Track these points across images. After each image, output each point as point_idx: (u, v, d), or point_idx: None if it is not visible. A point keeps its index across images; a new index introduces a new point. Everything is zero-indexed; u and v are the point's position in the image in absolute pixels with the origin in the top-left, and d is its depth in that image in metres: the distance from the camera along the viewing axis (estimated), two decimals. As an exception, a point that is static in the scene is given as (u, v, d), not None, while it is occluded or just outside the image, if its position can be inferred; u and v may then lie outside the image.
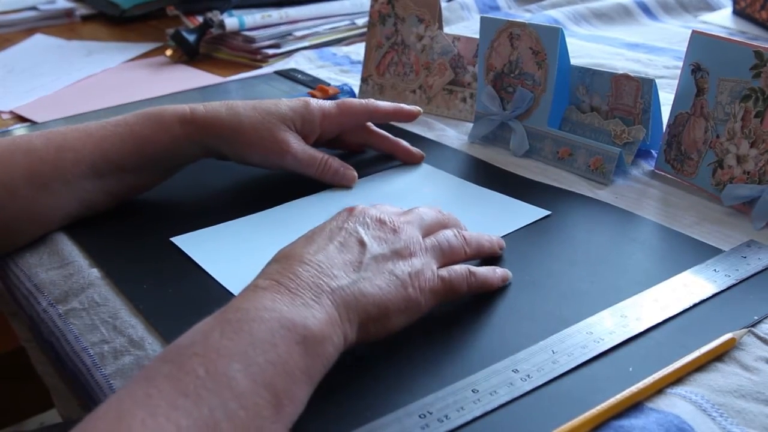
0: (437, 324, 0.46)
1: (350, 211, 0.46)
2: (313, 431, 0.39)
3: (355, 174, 0.64)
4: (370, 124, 0.69)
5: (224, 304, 0.40)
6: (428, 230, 0.48)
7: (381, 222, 0.45)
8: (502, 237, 0.55)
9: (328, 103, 0.65)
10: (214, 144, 0.61)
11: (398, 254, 0.44)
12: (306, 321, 0.37)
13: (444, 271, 0.45)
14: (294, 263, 0.41)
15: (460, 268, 0.46)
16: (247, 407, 0.34)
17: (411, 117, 0.69)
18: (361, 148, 0.71)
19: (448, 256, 0.47)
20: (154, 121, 0.59)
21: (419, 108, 0.69)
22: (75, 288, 0.52)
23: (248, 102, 0.62)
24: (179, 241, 0.56)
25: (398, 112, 0.68)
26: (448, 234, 0.48)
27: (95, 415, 0.32)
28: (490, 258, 0.53)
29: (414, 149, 0.69)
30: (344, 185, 0.64)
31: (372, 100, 0.67)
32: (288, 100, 0.63)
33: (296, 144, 0.62)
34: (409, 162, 0.69)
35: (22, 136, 0.58)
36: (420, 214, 0.49)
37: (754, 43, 0.56)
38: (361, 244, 0.43)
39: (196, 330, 0.37)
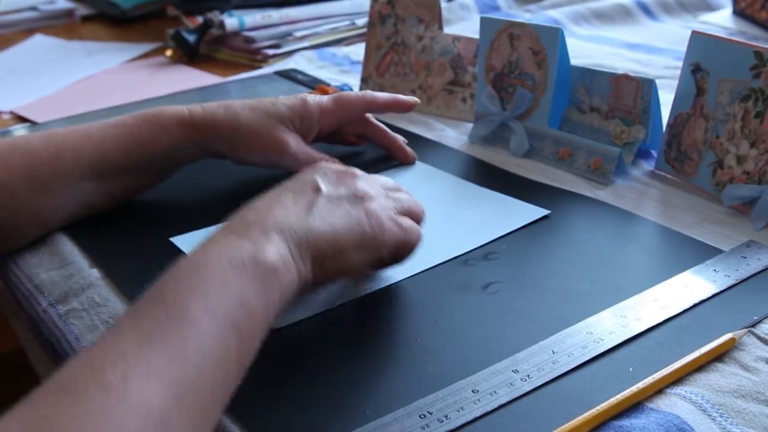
0: (437, 324, 0.46)
1: (312, 166, 0.48)
2: (313, 431, 0.39)
3: None
4: (368, 115, 0.69)
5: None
6: (389, 190, 0.49)
7: (341, 172, 0.47)
8: (502, 237, 0.56)
9: (325, 99, 0.64)
10: (213, 145, 0.61)
11: (355, 196, 0.45)
12: (255, 255, 0.39)
13: (402, 218, 0.47)
14: (244, 212, 0.43)
15: (412, 221, 0.48)
16: (215, 340, 0.35)
17: (408, 107, 0.69)
18: (359, 141, 0.71)
19: (405, 212, 0.48)
20: (153, 123, 0.59)
21: (416, 98, 0.69)
22: (75, 288, 0.52)
23: (246, 102, 0.62)
24: (179, 241, 0.56)
25: (396, 102, 0.68)
26: (407, 196, 0.50)
27: (69, 365, 0.32)
28: (491, 252, 0.53)
29: (408, 149, 0.69)
30: None
31: (369, 92, 0.67)
32: (285, 98, 0.63)
33: (295, 144, 0.62)
34: (402, 160, 0.69)
35: (21, 137, 0.58)
36: (380, 179, 0.50)
37: (754, 43, 0.56)
38: (316, 189, 0.45)
39: (150, 288, 0.37)
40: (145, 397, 0.31)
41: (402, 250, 0.47)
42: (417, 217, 0.49)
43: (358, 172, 0.48)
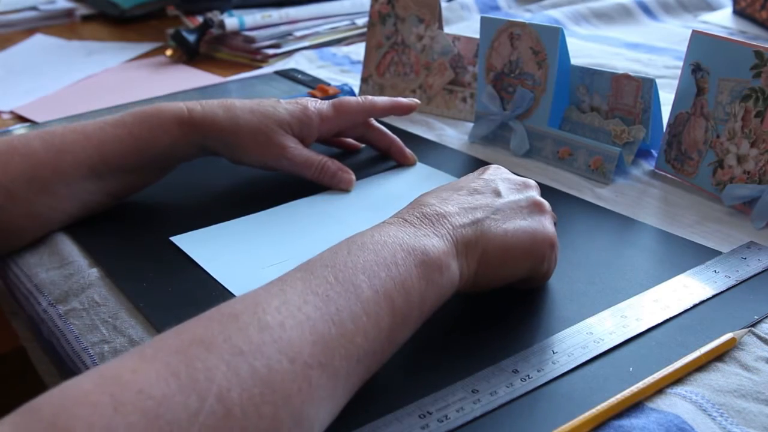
0: (437, 324, 0.46)
1: (485, 168, 0.50)
2: (313, 431, 0.39)
3: (353, 177, 0.64)
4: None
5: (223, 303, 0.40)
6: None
7: (521, 182, 0.48)
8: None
9: (325, 106, 0.64)
10: (211, 145, 0.61)
11: (534, 205, 0.46)
12: (425, 247, 0.40)
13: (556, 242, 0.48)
14: (422, 206, 0.44)
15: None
16: (369, 313, 0.37)
17: (409, 110, 0.69)
18: (358, 146, 0.71)
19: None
20: (152, 123, 0.59)
21: (416, 100, 0.69)
22: (75, 288, 0.52)
23: (246, 103, 0.62)
24: (179, 240, 0.56)
25: (395, 106, 0.68)
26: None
27: (233, 300, 0.36)
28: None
29: (408, 152, 0.69)
30: (342, 188, 0.64)
31: (369, 98, 0.67)
32: (286, 103, 0.63)
33: (293, 147, 0.62)
34: (402, 162, 0.69)
35: (20, 138, 0.57)
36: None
37: (754, 43, 0.56)
38: (497, 193, 0.46)
39: (325, 251, 0.40)
40: (295, 346, 0.34)
41: (549, 274, 0.48)
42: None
43: (533, 183, 0.49)
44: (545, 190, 0.63)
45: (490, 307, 0.48)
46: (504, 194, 0.46)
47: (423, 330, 0.45)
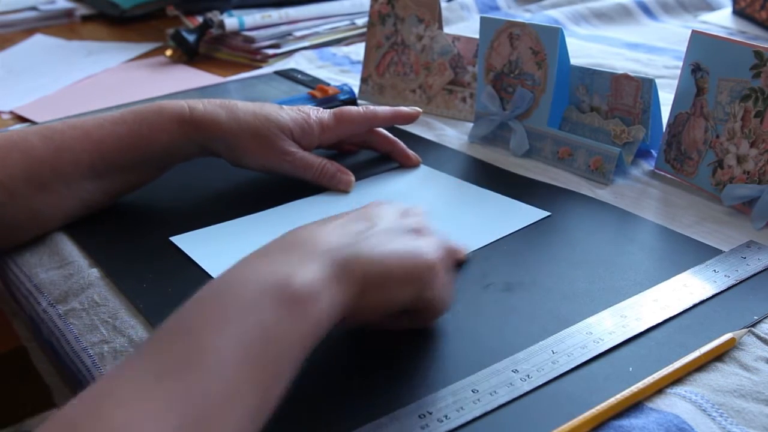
0: (437, 324, 0.46)
1: (375, 203, 0.46)
2: (313, 431, 0.39)
3: (352, 178, 0.64)
4: None
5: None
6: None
7: (404, 210, 0.46)
8: (502, 238, 0.56)
9: (327, 116, 0.64)
10: (212, 145, 0.61)
11: (414, 230, 0.43)
12: (290, 278, 0.36)
13: (449, 267, 0.45)
14: (291, 234, 0.40)
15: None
16: (230, 378, 0.32)
17: (410, 119, 0.69)
18: (358, 147, 0.71)
19: (451, 256, 0.47)
20: (152, 121, 0.59)
21: (418, 109, 0.69)
22: (75, 288, 0.52)
23: (248, 105, 0.62)
24: (179, 240, 0.56)
25: (397, 116, 0.68)
26: (455, 245, 0.49)
27: (74, 401, 0.31)
28: (491, 252, 0.53)
29: (411, 153, 0.69)
30: (341, 190, 0.64)
31: (371, 108, 0.67)
32: (289, 110, 0.63)
33: (294, 151, 0.62)
34: (405, 165, 0.68)
35: (18, 133, 0.57)
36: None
37: (754, 43, 0.56)
38: (377, 217, 0.43)
39: (175, 313, 0.36)
40: None
41: (439, 304, 0.43)
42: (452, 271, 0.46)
43: (419, 210, 0.47)
44: (545, 190, 0.63)
45: (489, 307, 0.48)
46: (384, 219, 0.43)
47: (422, 330, 0.45)
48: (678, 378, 0.41)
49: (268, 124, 0.61)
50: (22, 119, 0.89)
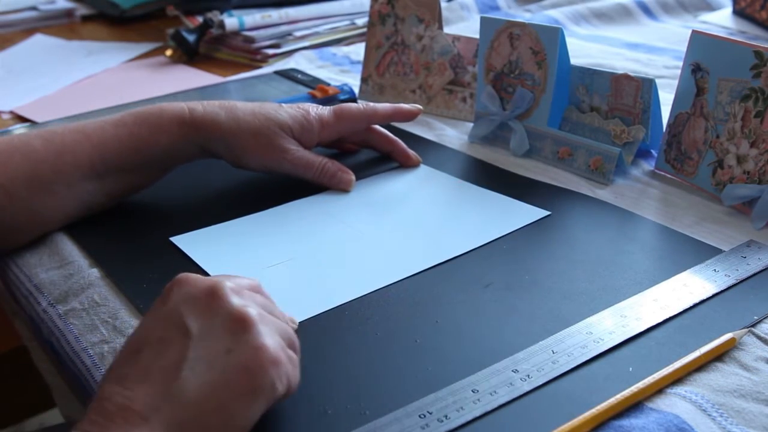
0: (437, 324, 0.46)
1: (170, 289, 0.38)
2: (313, 431, 0.39)
3: (353, 178, 0.64)
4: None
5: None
6: (261, 304, 0.40)
7: (208, 292, 0.37)
8: (501, 237, 0.56)
9: (326, 112, 0.64)
10: (212, 146, 0.61)
11: (234, 323, 0.36)
12: None
13: (288, 349, 0.38)
14: (103, 400, 0.34)
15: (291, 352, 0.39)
16: None
17: (410, 116, 0.69)
18: (358, 147, 0.71)
19: (284, 336, 0.39)
20: (153, 123, 0.59)
21: (419, 106, 0.69)
22: (75, 288, 0.52)
23: (248, 105, 0.62)
24: (179, 241, 0.56)
25: (397, 112, 0.68)
26: (279, 313, 0.41)
27: None
28: (491, 252, 0.53)
29: (411, 152, 0.69)
30: (342, 189, 0.64)
31: (370, 105, 0.67)
32: (288, 108, 0.63)
33: (294, 150, 0.62)
34: (406, 164, 0.68)
35: (20, 137, 0.57)
36: (246, 284, 0.40)
37: (754, 43, 0.56)
38: (184, 332, 0.36)
39: None
40: None
41: (292, 387, 0.38)
42: (293, 344, 0.39)
43: (225, 287, 0.38)
44: (545, 190, 0.63)
45: (490, 307, 0.48)
46: (193, 329, 0.35)
47: (423, 330, 0.45)
48: (678, 378, 0.41)
49: (268, 122, 0.61)
50: (22, 119, 0.89)
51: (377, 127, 0.69)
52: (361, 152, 0.72)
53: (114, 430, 0.33)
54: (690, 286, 0.48)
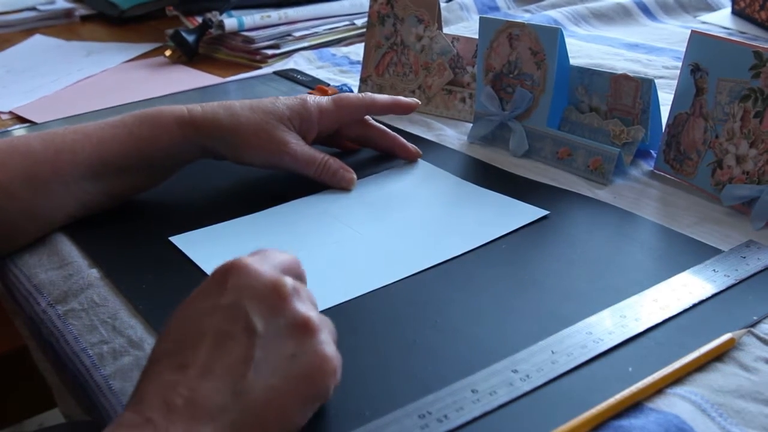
0: (436, 324, 0.46)
1: (226, 276, 0.37)
2: (313, 431, 0.39)
3: (354, 176, 0.64)
4: (368, 117, 0.69)
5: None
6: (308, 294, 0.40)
7: (269, 290, 0.36)
8: (501, 237, 0.56)
9: (325, 100, 0.65)
10: (212, 145, 0.61)
11: (295, 327, 0.36)
12: None
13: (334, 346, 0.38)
14: (166, 389, 0.33)
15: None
16: None
17: (409, 109, 0.69)
18: (358, 145, 0.71)
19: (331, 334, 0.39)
20: (152, 123, 0.59)
21: (417, 100, 0.70)
22: (74, 288, 0.52)
23: (245, 102, 0.62)
24: (179, 241, 0.56)
25: (396, 104, 0.68)
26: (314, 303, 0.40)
27: None
28: (490, 252, 0.53)
29: (411, 145, 0.69)
30: (342, 187, 0.64)
31: (369, 94, 0.67)
32: (285, 99, 0.63)
33: (295, 144, 0.62)
34: (406, 158, 0.69)
35: (20, 138, 0.58)
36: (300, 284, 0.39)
37: (754, 43, 0.56)
38: (248, 329, 0.35)
39: None
40: None
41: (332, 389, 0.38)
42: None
43: (286, 285, 0.37)
44: (545, 190, 0.63)
45: (489, 307, 0.48)
46: (258, 327, 0.35)
47: (422, 330, 0.45)
48: (678, 378, 0.41)
49: (266, 116, 0.61)
50: (22, 119, 0.89)
51: (375, 123, 0.69)
52: (361, 152, 0.72)
53: (179, 424, 0.32)
54: (689, 287, 0.48)
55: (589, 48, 1.03)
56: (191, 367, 0.34)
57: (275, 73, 0.96)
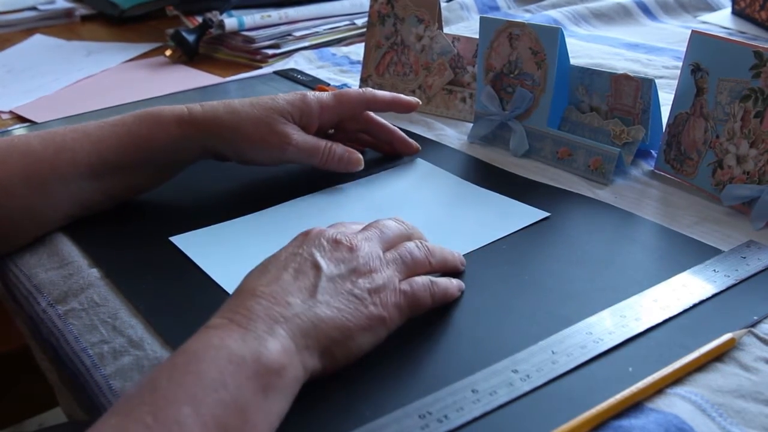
0: (436, 324, 0.46)
1: (305, 234, 0.45)
2: (313, 431, 0.39)
3: (361, 157, 0.64)
4: (368, 111, 0.69)
5: (221, 304, 0.40)
6: (390, 244, 0.47)
7: (337, 242, 0.44)
8: (502, 238, 0.56)
9: (325, 95, 0.64)
10: (214, 144, 0.61)
11: (356, 272, 0.43)
12: (258, 354, 0.36)
13: (405, 284, 0.45)
14: (247, 297, 0.40)
15: (422, 280, 0.46)
16: None
17: (409, 107, 0.69)
18: (357, 142, 0.71)
19: (411, 269, 0.46)
20: (152, 122, 0.59)
21: (417, 99, 0.69)
22: (74, 288, 0.52)
23: (245, 99, 0.62)
24: (179, 241, 0.56)
25: (396, 101, 0.68)
26: (410, 246, 0.47)
27: None
28: (490, 252, 0.53)
29: (411, 140, 0.69)
30: (350, 170, 0.63)
31: (370, 90, 0.67)
32: (285, 95, 0.63)
33: (297, 135, 0.62)
34: (406, 152, 0.69)
35: (20, 137, 0.58)
36: (380, 227, 0.48)
37: (754, 43, 0.56)
38: (317, 267, 0.42)
39: (144, 379, 0.35)
40: None
41: (412, 312, 0.45)
42: (422, 268, 0.47)
43: (354, 240, 0.45)
44: (545, 190, 0.63)
45: (489, 307, 0.48)
46: (324, 268, 0.42)
47: (422, 330, 0.45)
48: (678, 378, 0.41)
49: (266, 111, 0.61)
50: (22, 119, 0.89)
51: (375, 117, 0.69)
52: (362, 151, 0.71)
53: (260, 323, 0.38)
54: (690, 287, 0.48)
55: (589, 48, 1.03)
56: (273, 284, 0.41)
57: (275, 72, 0.96)
